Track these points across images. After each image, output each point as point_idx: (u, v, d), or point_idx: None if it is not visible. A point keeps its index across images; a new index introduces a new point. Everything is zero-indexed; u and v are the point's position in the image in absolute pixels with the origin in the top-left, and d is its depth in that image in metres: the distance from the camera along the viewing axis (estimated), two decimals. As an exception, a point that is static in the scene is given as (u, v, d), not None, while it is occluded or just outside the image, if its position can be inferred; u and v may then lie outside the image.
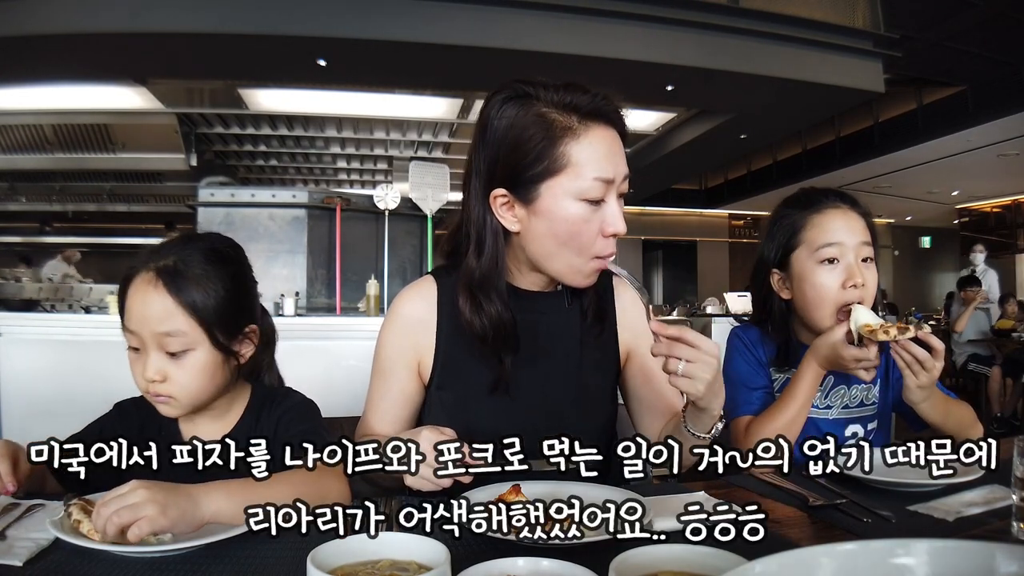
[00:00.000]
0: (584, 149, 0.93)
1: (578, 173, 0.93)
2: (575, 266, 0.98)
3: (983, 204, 13.13)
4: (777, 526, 0.83)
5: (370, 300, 3.40)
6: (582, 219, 0.94)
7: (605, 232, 0.95)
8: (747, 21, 5.29)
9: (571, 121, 0.94)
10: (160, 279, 0.94)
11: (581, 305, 1.10)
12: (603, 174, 0.93)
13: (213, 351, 0.97)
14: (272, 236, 3.76)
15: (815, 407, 1.28)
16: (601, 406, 1.13)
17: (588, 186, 0.93)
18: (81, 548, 0.71)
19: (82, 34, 4.61)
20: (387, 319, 1.11)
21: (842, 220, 1.25)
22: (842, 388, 1.30)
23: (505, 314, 1.00)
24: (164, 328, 0.94)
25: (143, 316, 0.94)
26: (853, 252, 1.22)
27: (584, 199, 0.94)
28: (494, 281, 1.00)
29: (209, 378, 0.98)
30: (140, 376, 0.96)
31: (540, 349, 1.07)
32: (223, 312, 0.97)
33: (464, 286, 1.01)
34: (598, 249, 0.96)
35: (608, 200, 0.95)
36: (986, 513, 0.85)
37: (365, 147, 8.57)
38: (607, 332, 1.12)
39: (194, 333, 0.95)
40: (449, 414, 1.06)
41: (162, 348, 0.94)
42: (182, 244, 0.99)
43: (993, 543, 0.40)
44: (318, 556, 0.58)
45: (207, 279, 0.96)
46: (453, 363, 1.06)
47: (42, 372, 2.55)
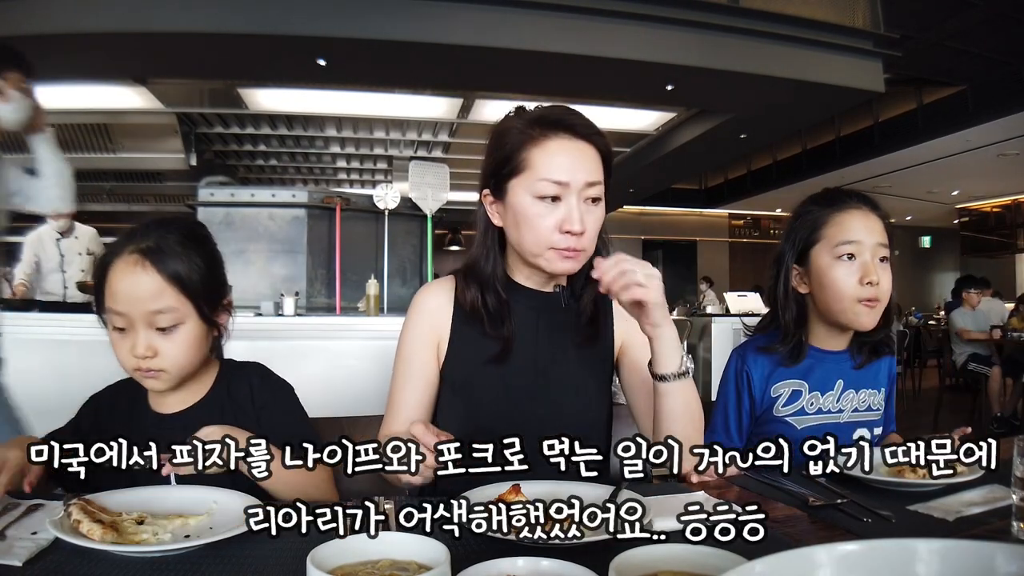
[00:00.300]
0: (541, 154, 1.08)
1: (534, 174, 1.08)
2: (534, 252, 1.10)
3: (983, 204, 13.13)
4: (777, 526, 0.83)
5: (370, 300, 3.39)
6: (537, 214, 1.08)
7: (561, 228, 1.07)
8: (747, 21, 5.28)
9: (534, 131, 1.09)
10: (147, 259, 0.98)
11: (579, 306, 1.19)
12: (553, 176, 1.06)
13: (200, 323, 1.03)
14: (272, 236, 3.76)
15: (828, 411, 1.30)
16: (596, 399, 1.21)
17: (541, 185, 1.07)
18: (81, 548, 0.70)
19: (82, 34, 4.60)
20: (409, 312, 1.22)
21: (862, 220, 1.28)
22: (851, 392, 1.32)
23: (491, 294, 1.14)
24: (155, 306, 0.98)
25: (132, 296, 0.97)
26: (870, 251, 1.26)
27: (538, 196, 1.07)
28: (483, 266, 1.16)
29: (197, 349, 1.04)
30: (127, 354, 0.99)
31: (538, 341, 1.17)
32: (206, 285, 1.03)
33: (461, 271, 1.19)
34: (554, 242, 1.08)
35: (566, 201, 1.07)
36: (986, 513, 0.85)
37: (365, 147, 8.56)
38: (604, 331, 1.21)
39: (183, 307, 1.00)
40: (458, 397, 1.16)
41: (151, 325, 0.98)
42: (157, 226, 1.03)
43: (993, 543, 0.40)
44: (318, 556, 0.58)
45: (188, 255, 1.02)
46: (465, 347, 1.17)
47: (42, 372, 2.55)
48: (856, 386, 1.32)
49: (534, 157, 1.08)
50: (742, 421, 1.35)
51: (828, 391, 1.31)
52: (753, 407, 1.34)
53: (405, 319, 1.22)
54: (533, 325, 1.17)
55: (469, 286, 1.16)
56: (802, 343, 1.33)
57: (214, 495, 0.87)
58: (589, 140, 1.10)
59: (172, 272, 0.99)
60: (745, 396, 1.35)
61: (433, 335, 1.18)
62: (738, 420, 1.35)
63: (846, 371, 1.33)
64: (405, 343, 1.20)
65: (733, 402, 1.35)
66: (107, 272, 0.99)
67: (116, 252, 1.00)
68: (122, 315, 0.98)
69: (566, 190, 1.07)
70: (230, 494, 0.87)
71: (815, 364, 1.33)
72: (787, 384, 1.32)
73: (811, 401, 1.31)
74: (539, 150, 1.08)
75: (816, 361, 1.33)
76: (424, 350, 1.18)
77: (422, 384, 1.18)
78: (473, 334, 1.16)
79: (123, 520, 0.78)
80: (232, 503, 0.85)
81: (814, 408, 1.31)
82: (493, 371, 1.15)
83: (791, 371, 1.33)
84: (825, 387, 1.32)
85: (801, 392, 1.31)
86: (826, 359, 1.33)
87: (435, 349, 1.19)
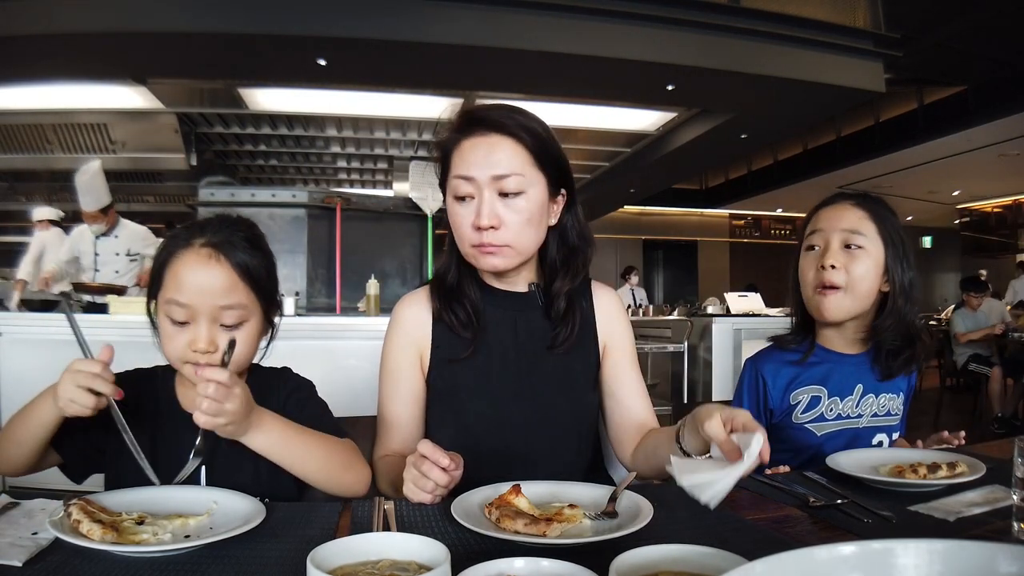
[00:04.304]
0: (456, 156, 1.09)
1: (451, 175, 1.10)
2: (465, 252, 1.12)
3: (984, 204, 13.13)
4: (777, 526, 0.83)
5: (370, 300, 3.39)
6: (455, 212, 1.10)
7: (474, 224, 1.07)
8: (747, 21, 5.28)
9: (453, 136, 1.10)
10: (221, 253, 0.96)
11: (553, 305, 1.18)
12: (461, 172, 1.07)
13: (261, 322, 1.02)
14: (272, 236, 3.70)
15: (847, 416, 1.30)
16: (584, 395, 1.20)
17: (454, 184, 1.09)
18: (81, 548, 0.70)
19: (82, 34, 4.60)
20: (389, 326, 1.21)
21: (832, 212, 1.30)
22: (870, 397, 1.31)
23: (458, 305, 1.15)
24: (227, 300, 0.96)
25: (204, 288, 0.94)
26: (835, 237, 1.27)
27: (454, 195, 1.09)
28: (445, 276, 1.17)
29: (253, 348, 1.03)
30: (183, 348, 0.95)
31: (518, 342, 1.16)
32: (269, 283, 1.03)
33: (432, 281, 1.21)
34: (472, 238, 1.08)
35: (478, 196, 1.07)
36: (986, 513, 0.85)
37: (365, 147, 8.54)
38: (585, 327, 1.20)
39: (251, 304, 0.99)
40: (445, 404, 1.16)
41: (216, 320, 0.96)
42: (224, 223, 1.01)
43: (994, 543, 0.40)
44: (318, 556, 0.58)
45: (254, 253, 1.01)
46: (448, 354, 1.16)
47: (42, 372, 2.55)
48: (876, 391, 1.31)
49: (453, 158, 1.09)
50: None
51: (848, 396, 1.30)
52: (770, 417, 1.33)
53: (386, 332, 1.21)
54: (511, 326, 1.16)
55: (438, 297, 1.17)
56: (812, 344, 1.34)
57: (214, 495, 0.87)
58: (503, 132, 1.06)
59: (244, 268, 0.98)
60: (762, 406, 1.34)
61: (414, 347, 1.18)
62: None
63: (865, 375, 1.31)
64: (388, 357, 1.19)
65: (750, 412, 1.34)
66: (171, 263, 0.96)
67: (182, 244, 0.97)
68: (186, 307, 0.94)
69: (474, 185, 1.06)
70: (230, 494, 0.87)
71: (833, 369, 1.31)
72: (806, 391, 1.30)
73: (830, 407, 1.29)
74: (457, 151, 1.09)
75: (835, 365, 1.32)
76: (407, 363, 1.17)
77: (410, 398, 1.17)
78: (453, 340, 1.15)
79: (123, 520, 0.78)
80: (232, 503, 0.85)
81: (833, 414, 1.29)
82: (476, 375, 1.14)
83: (809, 377, 1.31)
84: (844, 392, 1.30)
85: (820, 398, 1.30)
86: (844, 363, 1.32)
87: (418, 361, 1.18)
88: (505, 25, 4.92)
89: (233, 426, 0.88)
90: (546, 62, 5.15)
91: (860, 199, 1.30)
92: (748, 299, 5.61)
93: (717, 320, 4.67)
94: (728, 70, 5.36)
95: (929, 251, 14.68)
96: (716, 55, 5.28)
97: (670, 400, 5.03)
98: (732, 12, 5.25)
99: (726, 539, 0.76)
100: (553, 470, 1.04)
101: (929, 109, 8.61)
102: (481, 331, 1.15)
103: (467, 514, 0.79)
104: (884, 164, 9.60)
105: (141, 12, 4.54)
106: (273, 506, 0.85)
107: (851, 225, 1.26)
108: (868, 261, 1.25)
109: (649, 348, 5.01)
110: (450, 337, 1.16)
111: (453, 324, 1.14)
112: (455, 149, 1.09)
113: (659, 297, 13.64)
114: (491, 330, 1.16)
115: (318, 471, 0.96)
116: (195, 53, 5.13)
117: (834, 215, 1.28)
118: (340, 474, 0.98)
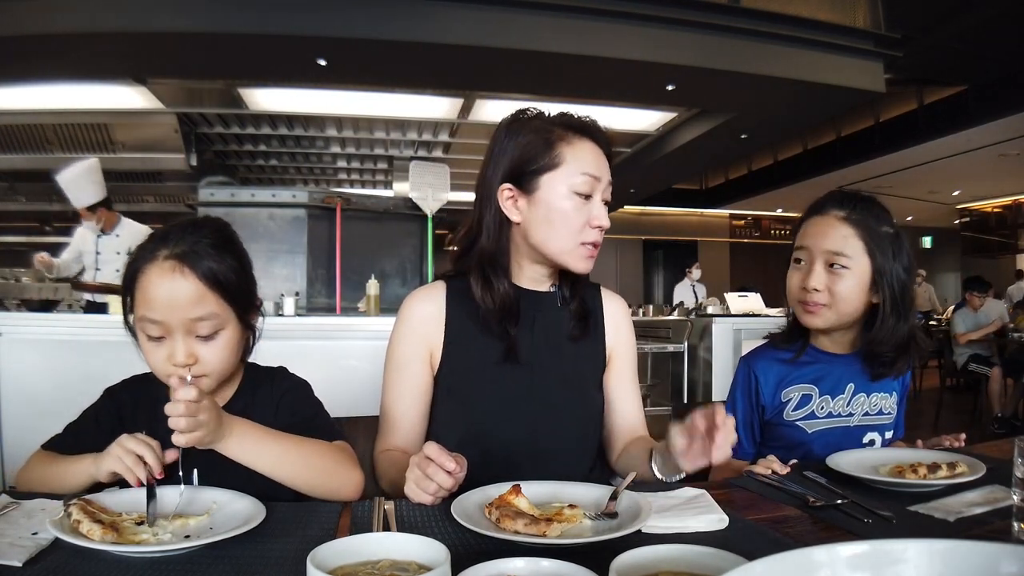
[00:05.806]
0: (575, 152, 1.11)
1: (570, 169, 1.10)
2: (566, 249, 1.12)
3: (984, 204, 13.14)
4: (777, 526, 0.83)
5: (370, 300, 3.39)
6: (572, 208, 1.10)
7: (591, 224, 1.11)
8: (747, 21, 5.28)
9: (564, 132, 1.12)
10: (184, 264, 0.93)
11: (570, 306, 1.21)
12: (591, 171, 1.10)
13: (239, 327, 1.00)
14: (272, 236, 3.75)
15: (838, 415, 1.30)
16: (592, 395, 1.22)
17: (579, 180, 1.10)
18: (81, 548, 0.70)
19: (82, 34, 4.60)
20: (398, 321, 1.20)
21: (819, 227, 1.29)
22: (862, 396, 1.31)
23: (509, 288, 1.14)
24: (197, 313, 0.93)
25: (173, 304, 0.92)
26: (819, 259, 1.27)
27: (575, 192, 1.10)
28: (500, 260, 1.15)
29: (235, 353, 1.01)
30: (164, 362, 0.94)
31: (535, 341, 1.17)
32: (241, 288, 0.99)
33: (476, 267, 1.15)
34: (585, 236, 1.12)
35: (594, 197, 1.12)
36: (986, 513, 0.85)
37: (365, 147, 8.55)
38: (595, 330, 1.24)
39: (224, 313, 0.96)
40: (455, 401, 1.15)
41: (191, 333, 0.94)
42: (188, 230, 0.96)
43: (994, 543, 0.40)
44: (318, 556, 0.58)
45: (223, 258, 0.97)
46: (462, 350, 1.16)
47: (42, 372, 2.55)
48: (867, 390, 1.31)
49: (567, 154, 1.10)
50: (753, 427, 1.35)
51: (839, 395, 1.30)
52: (763, 413, 1.34)
53: (394, 327, 1.19)
54: (530, 324, 1.17)
55: (484, 281, 1.14)
56: (805, 343, 1.35)
57: (214, 495, 0.87)
58: (605, 150, 1.15)
59: (211, 277, 0.94)
60: (754, 403, 1.35)
61: (424, 345, 1.16)
62: (749, 427, 1.35)
63: (856, 374, 1.31)
64: (395, 354, 1.18)
65: (743, 409, 1.36)
66: (138, 279, 0.94)
67: (146, 258, 0.94)
68: (158, 323, 0.92)
69: (596, 186, 1.11)
70: (230, 494, 0.87)
71: (825, 368, 1.32)
72: (797, 388, 1.31)
73: (821, 405, 1.30)
74: (572, 149, 1.11)
75: (826, 365, 1.32)
76: (416, 361, 1.16)
77: (416, 395, 1.16)
78: (471, 337, 1.15)
79: (123, 520, 0.78)
80: (232, 503, 0.85)
81: (824, 412, 1.30)
82: (493, 372, 1.14)
83: (801, 375, 1.32)
84: (835, 391, 1.31)
85: (811, 396, 1.30)
86: (835, 363, 1.32)
87: (427, 359, 1.17)
88: (505, 25, 4.92)
89: (209, 435, 0.87)
90: (546, 62, 5.16)
91: (850, 209, 1.26)
92: (748, 299, 5.61)
93: (717, 320, 4.67)
94: (728, 70, 5.36)
95: (929, 251, 14.69)
96: (716, 55, 5.28)
97: (670, 400, 5.02)
98: (732, 12, 5.25)
99: (726, 539, 0.77)
100: (559, 470, 1.04)
101: (929, 109, 8.62)
102: (511, 324, 1.14)
103: (467, 514, 0.79)
104: (884, 164, 9.60)
105: (141, 12, 4.54)
106: (273, 506, 0.85)
107: (835, 246, 1.25)
108: (851, 280, 1.25)
109: (649, 348, 5.01)
110: (467, 333, 1.15)
111: (489, 314, 1.13)
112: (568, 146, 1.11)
113: (659, 297, 13.64)
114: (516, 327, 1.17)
115: (296, 476, 0.94)
116: (195, 53, 5.13)
117: (819, 232, 1.27)
118: (324, 479, 0.95)
